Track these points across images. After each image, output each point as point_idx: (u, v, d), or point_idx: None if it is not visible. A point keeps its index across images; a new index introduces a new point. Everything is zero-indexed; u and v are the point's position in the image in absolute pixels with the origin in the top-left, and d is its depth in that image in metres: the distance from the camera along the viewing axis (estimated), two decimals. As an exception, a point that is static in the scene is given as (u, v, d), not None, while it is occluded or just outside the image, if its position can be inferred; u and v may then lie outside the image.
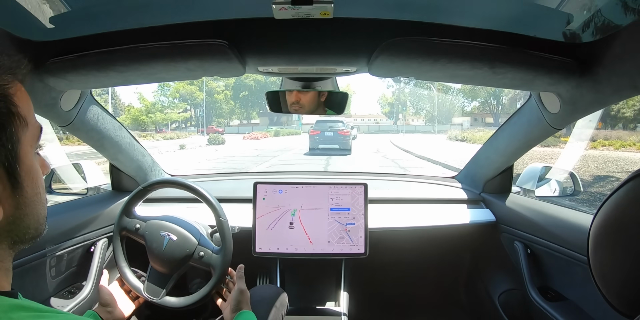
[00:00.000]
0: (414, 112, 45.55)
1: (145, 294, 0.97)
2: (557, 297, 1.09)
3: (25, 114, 0.39)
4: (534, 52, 0.72)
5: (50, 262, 1.04)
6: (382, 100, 48.46)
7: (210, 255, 0.98)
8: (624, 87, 0.70)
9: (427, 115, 35.04)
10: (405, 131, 34.99)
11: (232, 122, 42.63)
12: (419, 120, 44.90)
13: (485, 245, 1.43)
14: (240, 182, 1.56)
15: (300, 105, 1.02)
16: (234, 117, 42.02)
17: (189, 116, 38.71)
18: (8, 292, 0.37)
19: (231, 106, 40.47)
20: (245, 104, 42.02)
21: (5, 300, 0.35)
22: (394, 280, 1.66)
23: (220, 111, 39.98)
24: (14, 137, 0.38)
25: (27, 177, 0.40)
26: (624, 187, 0.40)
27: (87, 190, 1.35)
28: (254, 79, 37.86)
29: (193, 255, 0.98)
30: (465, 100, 38.95)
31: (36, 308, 0.36)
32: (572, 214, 1.08)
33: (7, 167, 0.37)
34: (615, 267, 0.40)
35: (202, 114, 36.64)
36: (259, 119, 43.67)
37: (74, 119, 0.99)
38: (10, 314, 0.33)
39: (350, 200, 1.21)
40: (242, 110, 42.35)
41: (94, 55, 0.75)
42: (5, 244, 0.39)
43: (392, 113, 46.61)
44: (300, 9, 0.59)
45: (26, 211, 0.40)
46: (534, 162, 1.43)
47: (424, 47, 0.71)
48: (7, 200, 0.38)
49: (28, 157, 0.40)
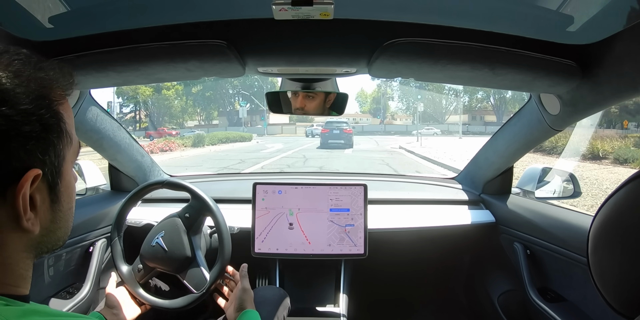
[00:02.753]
0: (403, 109, 39.52)
1: (199, 292, 0.95)
2: (557, 298, 1.09)
3: (70, 130, 0.40)
4: (534, 53, 0.72)
5: (49, 262, 1.03)
6: (361, 97, 42.57)
7: (191, 208, 0.99)
8: (624, 89, 0.70)
9: (418, 113, 29.10)
10: (394, 132, 31.20)
11: (188, 123, 35.86)
12: (407, 119, 38.51)
13: (485, 246, 1.43)
14: (240, 182, 1.56)
15: (305, 110, 1.03)
16: (185, 116, 35.58)
17: (133, 118, 32.35)
18: (22, 296, 0.37)
19: (183, 104, 34.17)
20: (200, 101, 35.77)
21: (19, 305, 0.35)
22: (394, 281, 1.66)
23: (172, 110, 33.70)
24: (61, 154, 0.38)
25: (65, 192, 0.40)
26: (624, 189, 0.40)
27: (86, 190, 1.35)
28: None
29: (185, 224, 0.98)
30: (464, 95, 34.51)
31: (49, 312, 0.36)
32: (571, 215, 1.08)
33: (50, 183, 0.38)
34: (614, 268, 0.40)
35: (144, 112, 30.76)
36: (218, 119, 37.57)
37: None
38: (23, 319, 0.33)
39: (350, 201, 1.21)
40: (197, 108, 36.25)
41: (93, 55, 0.74)
42: (33, 254, 0.39)
43: (378, 110, 39.65)
44: (300, 9, 0.59)
45: (60, 225, 0.41)
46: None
47: (424, 49, 0.71)
48: (45, 214, 0.38)
49: (68, 173, 0.41)
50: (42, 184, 0.37)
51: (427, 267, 1.63)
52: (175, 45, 0.72)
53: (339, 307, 1.23)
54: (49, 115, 0.36)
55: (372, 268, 1.44)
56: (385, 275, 1.63)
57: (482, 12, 0.71)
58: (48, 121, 0.36)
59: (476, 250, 1.52)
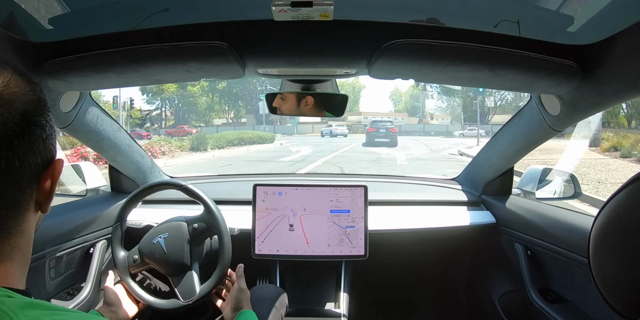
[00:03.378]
0: (443, 108, 35.09)
1: (184, 301, 0.95)
2: (558, 299, 1.08)
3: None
4: (535, 54, 0.72)
5: (50, 263, 1.03)
6: (395, 95, 39.65)
7: (202, 223, 0.99)
8: (624, 89, 0.70)
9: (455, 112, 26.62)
10: (433, 132, 27.72)
11: (215, 121, 33.52)
12: (444, 118, 35.20)
13: (486, 247, 1.43)
14: (240, 184, 1.55)
15: (300, 110, 1.03)
16: (212, 114, 33.49)
17: (159, 115, 31.58)
18: (23, 291, 0.38)
19: (209, 100, 32.17)
20: (227, 98, 33.09)
21: (21, 298, 0.36)
22: (394, 282, 1.66)
23: (197, 107, 32.07)
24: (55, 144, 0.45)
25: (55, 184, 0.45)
26: (626, 190, 0.40)
27: (86, 191, 1.35)
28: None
29: (190, 234, 0.98)
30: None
31: (49, 306, 0.37)
32: (572, 216, 1.08)
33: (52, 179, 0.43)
34: (616, 269, 0.40)
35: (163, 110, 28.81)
36: (246, 117, 34.64)
37: (72, 120, 0.99)
38: (26, 311, 0.34)
39: (350, 202, 1.21)
40: (224, 105, 33.75)
41: (93, 56, 0.74)
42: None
43: (415, 108, 36.14)
44: (300, 10, 0.59)
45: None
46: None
47: (424, 50, 0.71)
48: (46, 205, 0.43)
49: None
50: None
51: (427, 268, 1.63)
52: (175, 47, 0.72)
53: (339, 307, 1.23)
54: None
55: (372, 269, 1.44)
56: (386, 276, 1.63)
57: (482, 12, 0.71)
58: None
59: (477, 251, 1.51)
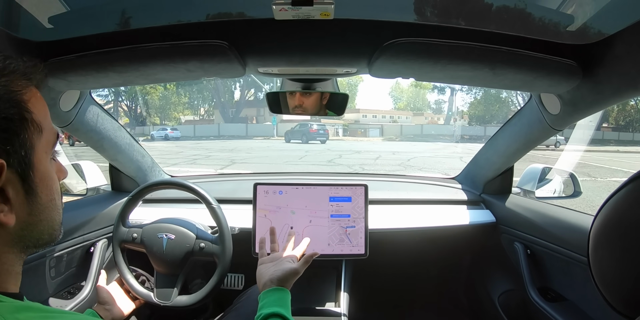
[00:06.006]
0: (474, 103, 27.51)
1: (157, 299, 0.97)
2: (557, 298, 1.09)
3: (40, 119, 0.39)
4: (535, 53, 0.72)
5: (50, 262, 1.04)
6: (396, 92, 35.42)
7: (211, 246, 1.00)
8: (624, 88, 0.70)
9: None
10: (467, 136, 21.53)
11: (185, 118, 28.14)
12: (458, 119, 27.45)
13: (485, 246, 1.43)
14: (240, 182, 1.55)
15: (303, 108, 1.03)
16: (173, 111, 27.76)
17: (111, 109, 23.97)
18: (15, 294, 0.38)
19: (164, 92, 26.43)
20: (190, 90, 27.84)
21: (12, 302, 0.36)
22: (394, 281, 1.66)
23: (161, 103, 26.89)
24: (28, 144, 0.38)
25: (41, 184, 0.40)
26: (625, 189, 0.40)
27: (87, 190, 1.35)
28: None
29: (194, 249, 0.99)
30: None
31: (42, 309, 0.37)
32: (572, 214, 1.08)
33: (21, 174, 0.37)
34: (615, 268, 0.40)
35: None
36: (214, 112, 28.74)
37: (73, 119, 0.99)
38: (17, 315, 0.33)
39: (351, 203, 1.20)
40: (184, 98, 28.11)
41: (93, 55, 0.74)
42: (17, 249, 0.39)
43: (450, 106, 29.45)
44: (300, 9, 0.59)
45: (40, 217, 0.40)
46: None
47: (424, 49, 0.71)
48: (21, 206, 0.38)
49: (42, 163, 0.40)
50: (12, 175, 0.37)
51: (427, 267, 1.63)
52: (175, 46, 0.72)
53: (339, 306, 1.23)
54: (8, 105, 0.36)
55: (372, 268, 1.44)
56: (386, 275, 1.63)
57: (482, 11, 0.71)
58: (8, 111, 0.36)
59: (476, 250, 1.52)
